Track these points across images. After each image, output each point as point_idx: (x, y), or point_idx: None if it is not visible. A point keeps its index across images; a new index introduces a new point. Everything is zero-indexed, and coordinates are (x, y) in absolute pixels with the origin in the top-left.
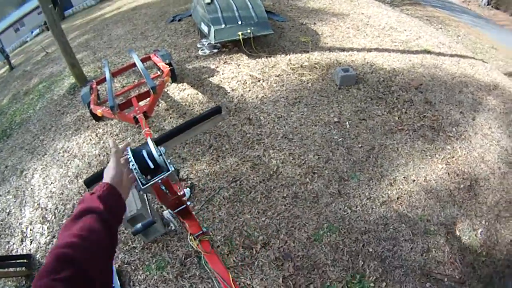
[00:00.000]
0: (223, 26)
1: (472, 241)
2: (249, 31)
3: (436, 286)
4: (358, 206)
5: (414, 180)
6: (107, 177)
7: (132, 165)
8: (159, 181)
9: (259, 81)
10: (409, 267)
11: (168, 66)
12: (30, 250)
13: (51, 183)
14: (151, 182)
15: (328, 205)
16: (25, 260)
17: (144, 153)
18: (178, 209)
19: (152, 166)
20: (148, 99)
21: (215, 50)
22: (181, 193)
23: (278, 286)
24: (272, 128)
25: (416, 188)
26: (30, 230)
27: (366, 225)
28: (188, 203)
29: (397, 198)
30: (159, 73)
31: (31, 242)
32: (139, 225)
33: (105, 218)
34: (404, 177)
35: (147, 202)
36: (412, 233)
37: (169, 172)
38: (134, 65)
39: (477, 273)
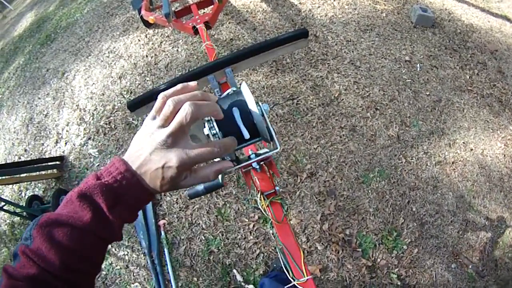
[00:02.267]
0: None
1: (504, 238)
2: None
3: (459, 270)
4: (413, 158)
5: (472, 149)
6: (135, 156)
7: (214, 134)
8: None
9: None
10: (443, 240)
11: None
12: (63, 151)
13: (93, 84)
14: (244, 163)
15: (384, 148)
16: (57, 162)
17: (236, 112)
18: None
19: (247, 136)
20: (211, 7)
21: None
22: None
23: (314, 222)
24: (339, 51)
25: (472, 159)
26: (66, 131)
27: (416, 181)
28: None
29: (452, 163)
30: None
31: (65, 143)
32: (200, 187)
33: (98, 233)
34: (463, 142)
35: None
36: (456, 205)
37: (276, 150)
38: None
39: (497, 272)
